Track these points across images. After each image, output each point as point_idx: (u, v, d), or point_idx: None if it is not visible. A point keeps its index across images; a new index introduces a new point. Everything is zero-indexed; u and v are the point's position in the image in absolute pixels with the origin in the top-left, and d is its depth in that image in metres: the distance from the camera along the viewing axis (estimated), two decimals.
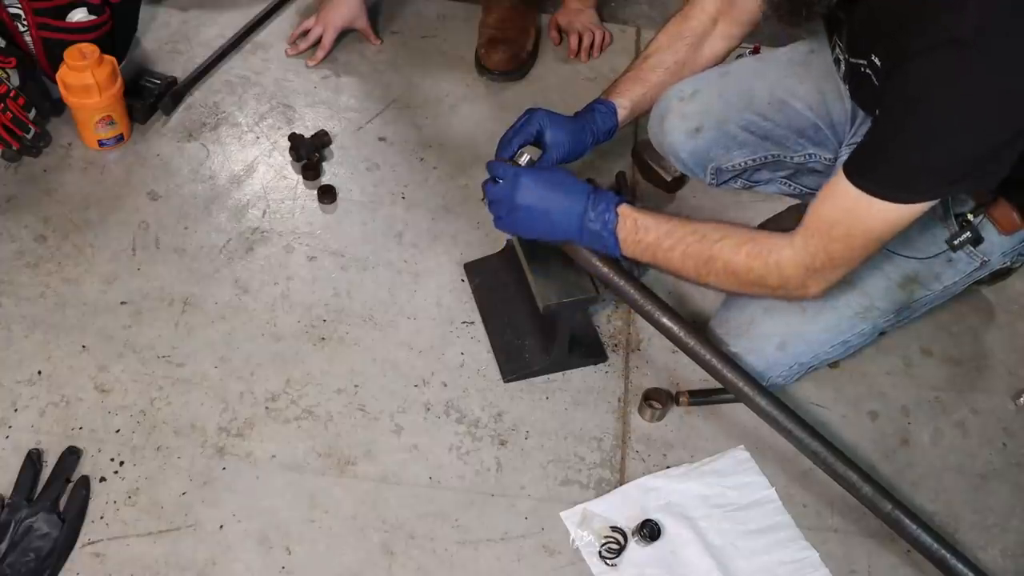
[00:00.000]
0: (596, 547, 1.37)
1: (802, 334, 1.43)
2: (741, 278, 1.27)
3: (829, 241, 1.19)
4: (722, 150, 1.53)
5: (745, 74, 1.54)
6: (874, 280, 1.41)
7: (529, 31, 2.09)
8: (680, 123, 1.52)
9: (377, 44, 2.08)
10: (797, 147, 1.53)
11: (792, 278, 1.24)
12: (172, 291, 1.61)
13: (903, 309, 1.44)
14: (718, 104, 1.51)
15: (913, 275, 1.40)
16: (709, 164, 1.55)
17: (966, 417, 1.60)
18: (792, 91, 1.50)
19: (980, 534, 1.46)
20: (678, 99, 1.53)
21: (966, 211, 1.36)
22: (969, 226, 1.35)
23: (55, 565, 1.28)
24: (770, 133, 1.52)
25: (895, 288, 1.41)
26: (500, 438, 1.49)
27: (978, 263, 1.40)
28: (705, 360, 1.36)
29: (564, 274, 1.44)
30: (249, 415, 1.47)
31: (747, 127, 1.52)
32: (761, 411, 1.35)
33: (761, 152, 1.54)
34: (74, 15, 1.75)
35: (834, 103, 1.49)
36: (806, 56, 1.52)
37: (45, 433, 1.42)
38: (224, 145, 1.85)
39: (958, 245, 1.36)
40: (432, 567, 1.35)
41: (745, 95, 1.52)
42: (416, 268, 1.69)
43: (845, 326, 1.43)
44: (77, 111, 1.74)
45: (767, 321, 1.44)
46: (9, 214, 1.69)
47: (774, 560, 1.38)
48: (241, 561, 1.33)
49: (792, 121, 1.51)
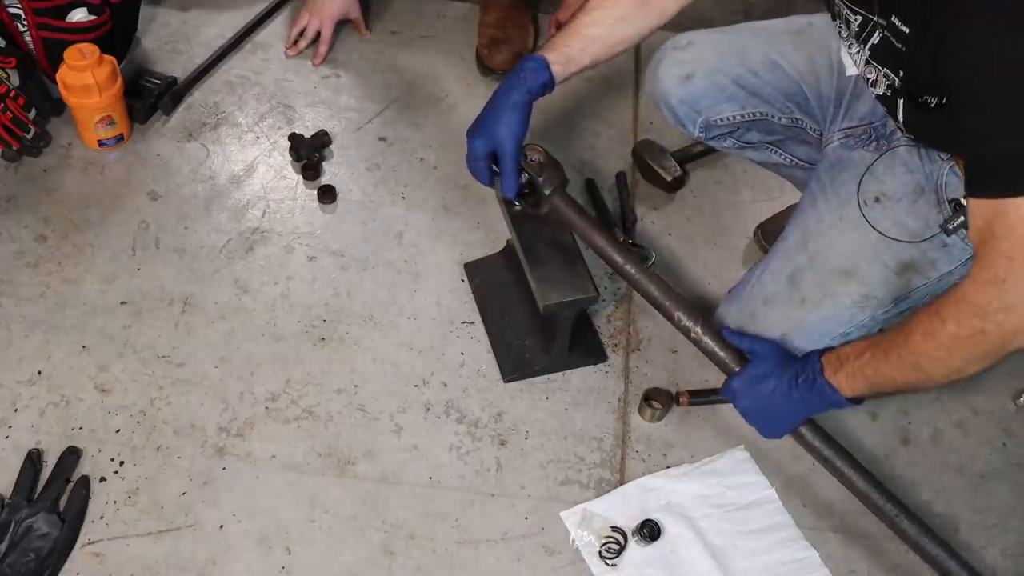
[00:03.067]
0: (596, 547, 1.37)
1: (802, 326, 1.43)
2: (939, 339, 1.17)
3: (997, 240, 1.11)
4: (711, 101, 1.55)
5: (742, 33, 1.58)
6: (872, 268, 1.41)
7: (529, 29, 2.09)
8: (673, 69, 1.55)
9: (367, 35, 2.09)
10: (785, 110, 1.55)
11: (987, 301, 1.13)
12: (172, 291, 1.61)
13: (901, 299, 1.44)
14: (712, 55, 1.54)
15: (910, 262, 1.41)
16: (699, 117, 1.57)
17: (966, 417, 1.60)
18: (785, 55, 1.53)
19: (980, 534, 1.46)
20: (673, 47, 1.57)
21: (959, 196, 1.36)
22: (962, 210, 1.35)
23: (55, 565, 1.29)
24: (759, 90, 1.54)
25: (892, 276, 1.41)
26: (500, 438, 1.49)
27: (972, 250, 1.40)
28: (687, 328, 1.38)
29: (564, 274, 1.44)
30: (249, 415, 1.47)
31: (737, 80, 1.54)
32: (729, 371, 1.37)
33: (750, 108, 1.56)
34: (74, 15, 1.75)
35: (824, 77, 1.51)
36: (804, 27, 1.55)
37: (45, 433, 1.42)
38: (224, 145, 1.85)
39: (952, 229, 1.36)
40: (432, 567, 1.35)
41: (739, 51, 1.54)
42: (416, 268, 1.69)
43: (845, 316, 1.43)
44: (77, 111, 1.74)
45: (768, 314, 1.44)
46: (9, 214, 1.69)
47: (774, 560, 1.38)
48: (241, 561, 1.33)
49: (781, 83, 1.54)
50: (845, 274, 1.41)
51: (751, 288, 1.48)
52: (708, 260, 1.76)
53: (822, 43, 1.50)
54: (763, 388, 1.34)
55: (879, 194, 1.41)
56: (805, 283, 1.43)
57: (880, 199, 1.41)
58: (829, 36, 1.48)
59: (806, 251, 1.44)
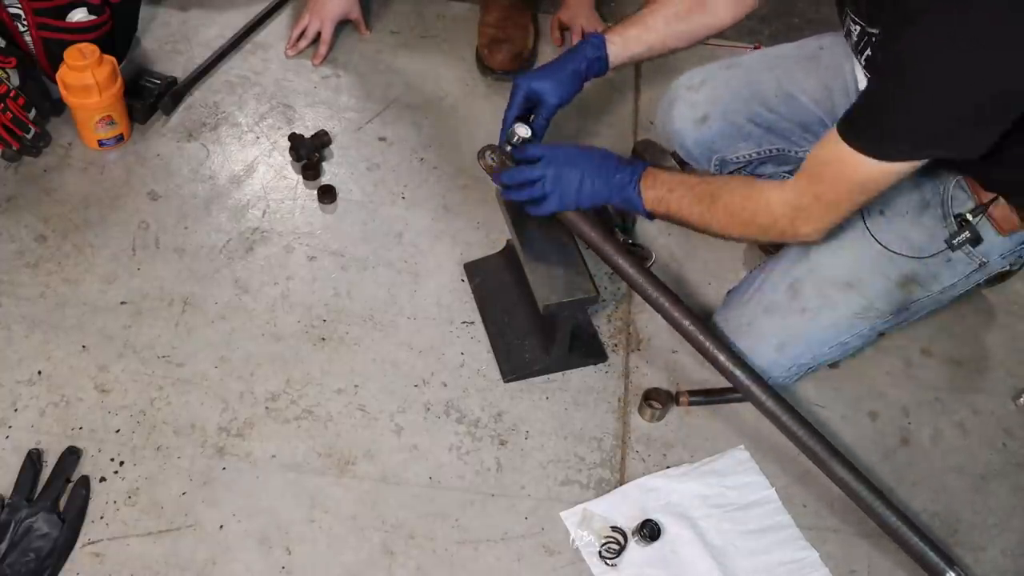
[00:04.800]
0: (596, 547, 1.37)
1: (800, 335, 1.43)
2: (736, 217, 1.31)
3: (817, 182, 1.24)
4: (727, 141, 1.55)
5: (753, 66, 1.57)
6: (873, 281, 1.41)
7: (529, 29, 2.09)
8: (688, 111, 1.55)
9: (367, 35, 2.09)
10: (802, 142, 1.55)
11: (781, 216, 1.28)
12: (172, 291, 1.61)
13: (902, 310, 1.44)
14: (726, 94, 1.54)
15: (912, 275, 1.41)
16: (714, 155, 1.57)
17: (966, 417, 1.60)
18: (799, 85, 1.52)
19: (980, 534, 1.46)
20: (686, 88, 1.56)
21: (965, 211, 1.36)
22: (968, 226, 1.36)
23: (55, 565, 1.28)
24: (775, 125, 1.53)
25: (894, 288, 1.41)
26: (500, 438, 1.49)
27: (976, 264, 1.40)
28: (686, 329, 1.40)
29: (564, 274, 1.44)
30: (249, 415, 1.47)
31: (753, 119, 1.53)
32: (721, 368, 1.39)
33: (766, 145, 1.56)
34: (74, 15, 1.75)
35: (840, 102, 1.49)
36: (815, 51, 1.54)
37: (45, 433, 1.42)
38: (224, 145, 1.85)
39: (957, 245, 1.36)
40: (432, 567, 1.35)
41: (753, 86, 1.54)
42: (416, 268, 1.69)
43: (844, 326, 1.43)
44: (77, 111, 1.74)
45: (766, 321, 1.44)
46: (9, 214, 1.69)
47: (774, 560, 1.38)
48: (241, 561, 1.33)
49: (797, 115, 1.52)
50: (846, 285, 1.41)
51: (750, 296, 1.48)
52: (708, 260, 1.76)
53: (835, 66, 1.49)
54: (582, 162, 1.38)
55: (883, 208, 1.41)
56: (805, 293, 1.43)
57: (884, 212, 1.41)
58: (842, 57, 1.47)
59: (807, 261, 1.44)
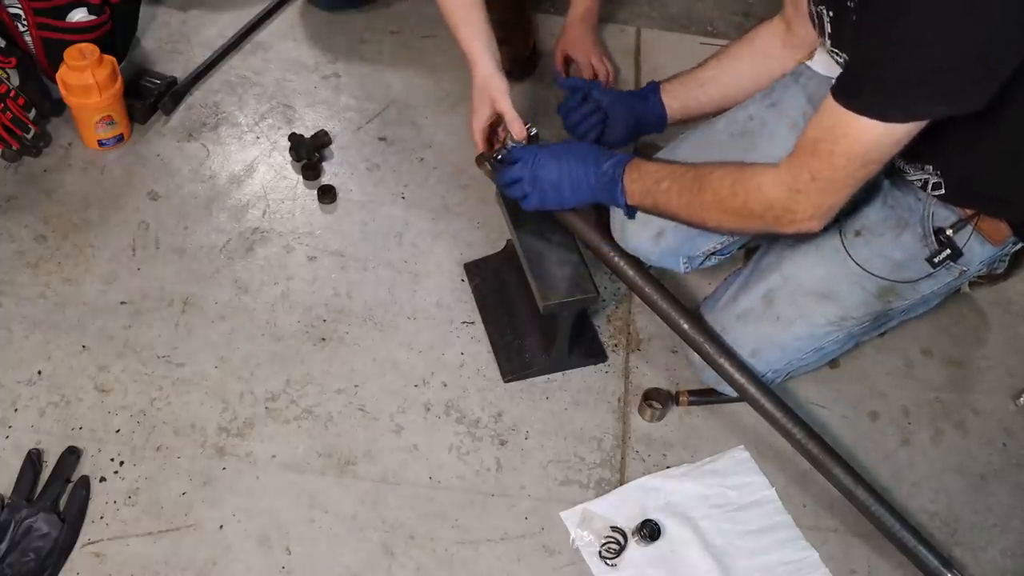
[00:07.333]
0: (596, 547, 1.37)
1: (775, 342, 1.43)
2: (727, 204, 1.26)
3: (811, 158, 1.17)
4: (689, 243, 1.49)
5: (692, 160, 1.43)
6: (851, 292, 1.40)
7: (529, 31, 2.09)
8: (641, 229, 1.48)
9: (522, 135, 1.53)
10: None
11: (776, 200, 1.22)
12: (172, 291, 1.61)
13: (880, 316, 1.44)
14: None
15: (890, 288, 1.40)
16: (680, 257, 1.52)
17: (966, 417, 1.60)
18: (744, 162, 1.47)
19: (980, 534, 1.46)
20: None
21: (945, 227, 1.36)
22: (949, 242, 1.35)
23: (55, 565, 1.28)
24: None
25: (872, 299, 1.41)
26: (500, 438, 1.49)
27: (956, 273, 1.40)
28: (683, 330, 1.40)
29: (564, 274, 1.44)
30: (249, 415, 1.47)
31: None
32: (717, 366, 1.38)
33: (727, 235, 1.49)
34: (74, 15, 1.75)
35: None
36: (745, 124, 1.47)
37: (45, 433, 1.42)
38: (224, 145, 1.85)
39: (938, 263, 1.36)
40: (432, 567, 1.35)
41: None
42: (416, 268, 1.69)
43: (819, 334, 1.43)
44: (77, 111, 1.74)
45: (739, 329, 1.44)
46: (9, 214, 1.69)
47: (774, 560, 1.38)
48: (241, 561, 1.33)
49: None
50: (822, 296, 1.40)
51: (725, 304, 1.48)
52: None
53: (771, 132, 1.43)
54: (563, 158, 1.39)
55: (860, 228, 1.40)
56: (780, 302, 1.42)
57: (861, 233, 1.40)
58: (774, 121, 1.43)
59: (780, 272, 1.43)
